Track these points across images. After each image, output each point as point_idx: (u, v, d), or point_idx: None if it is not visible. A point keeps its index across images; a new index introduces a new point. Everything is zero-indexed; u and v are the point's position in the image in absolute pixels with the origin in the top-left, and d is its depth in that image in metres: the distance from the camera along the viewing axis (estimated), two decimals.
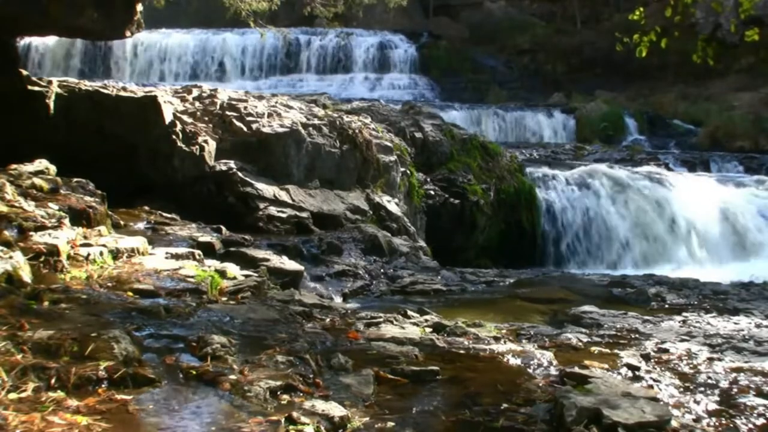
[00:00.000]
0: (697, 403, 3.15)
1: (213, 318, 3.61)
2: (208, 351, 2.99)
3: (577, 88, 21.75)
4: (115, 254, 4.43)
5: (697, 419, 2.97)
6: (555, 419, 2.69)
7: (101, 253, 4.29)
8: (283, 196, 7.48)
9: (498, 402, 2.87)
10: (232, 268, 4.88)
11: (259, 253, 5.69)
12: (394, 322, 4.21)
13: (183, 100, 8.05)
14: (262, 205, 7.23)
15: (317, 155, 8.05)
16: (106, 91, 7.58)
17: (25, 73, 7.66)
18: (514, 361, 3.53)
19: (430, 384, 3.07)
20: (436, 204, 9.36)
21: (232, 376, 2.75)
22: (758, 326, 4.82)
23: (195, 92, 8.39)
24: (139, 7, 7.56)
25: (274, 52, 22.80)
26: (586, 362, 3.56)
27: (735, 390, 3.36)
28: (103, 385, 2.51)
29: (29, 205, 4.51)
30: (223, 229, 6.40)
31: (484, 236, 9.71)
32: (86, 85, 7.81)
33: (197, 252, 5.09)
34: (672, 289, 6.45)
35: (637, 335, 4.48)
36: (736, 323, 4.95)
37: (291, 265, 5.62)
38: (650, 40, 6.92)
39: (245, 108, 8.01)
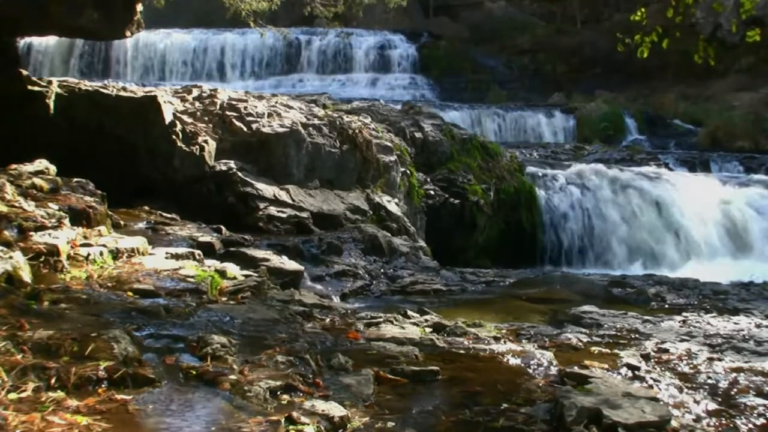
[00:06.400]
0: (697, 403, 3.16)
1: (213, 318, 3.61)
2: (208, 351, 2.99)
3: (577, 88, 21.74)
4: (115, 254, 4.43)
5: (697, 419, 2.97)
6: (555, 419, 2.69)
7: (101, 253, 4.30)
8: (283, 196, 7.48)
9: (498, 402, 2.87)
10: (232, 268, 4.88)
11: (259, 253, 5.69)
12: (394, 322, 4.21)
13: (183, 100, 8.05)
14: (262, 205, 7.23)
15: (317, 155, 8.05)
16: (106, 91, 7.58)
17: (25, 73, 7.66)
18: (514, 361, 3.53)
19: (430, 384, 3.07)
20: (436, 204, 9.35)
21: (232, 376, 2.75)
22: (758, 326, 4.82)
23: (195, 92, 8.39)
24: (139, 7, 7.56)
25: (274, 52, 22.78)
26: (586, 362, 3.56)
27: (735, 390, 3.36)
28: (103, 385, 2.51)
29: (29, 205, 4.51)
30: (223, 229, 6.40)
31: (484, 236, 9.70)
32: (86, 85, 7.81)
33: (197, 252, 5.09)
34: (672, 289, 6.46)
35: (637, 335, 4.48)
36: (736, 323, 4.95)
37: (291, 265, 5.62)
38: (651, 40, 6.91)
39: (245, 108, 8.00)
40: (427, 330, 4.15)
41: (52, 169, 5.71)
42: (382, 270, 6.75)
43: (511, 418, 2.71)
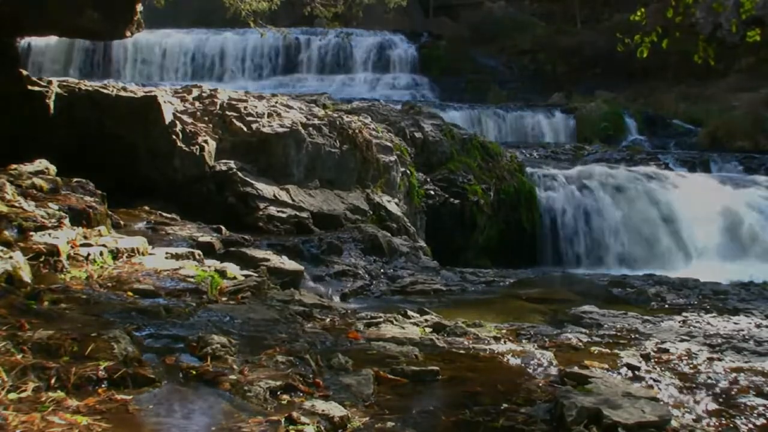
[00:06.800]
0: (697, 403, 3.16)
1: (213, 318, 3.61)
2: (208, 351, 2.99)
3: (577, 88, 21.72)
4: (115, 254, 4.43)
5: (697, 419, 2.97)
6: (555, 419, 2.69)
7: (101, 253, 4.30)
8: (283, 196, 7.48)
9: (498, 402, 2.87)
10: (232, 268, 4.88)
11: (259, 253, 5.69)
12: (394, 322, 4.21)
13: (183, 100, 8.05)
14: (262, 205, 7.23)
15: (317, 155, 8.05)
16: (106, 91, 7.58)
17: (25, 73, 7.66)
18: (514, 361, 3.53)
19: (430, 384, 3.07)
20: (436, 204, 9.35)
21: (232, 376, 2.75)
22: (758, 326, 4.83)
23: (195, 92, 8.39)
24: (139, 7, 7.55)
25: (274, 52, 22.77)
26: (586, 362, 3.56)
27: (735, 390, 3.36)
28: (103, 385, 2.51)
29: (29, 205, 4.51)
30: (223, 229, 6.41)
31: (484, 236, 9.70)
32: (86, 85, 7.81)
33: (197, 252, 5.09)
34: (672, 289, 6.45)
35: (637, 335, 4.48)
36: (736, 323, 4.95)
37: (291, 265, 5.62)
38: (651, 40, 6.92)
39: (245, 108, 8.00)
40: (427, 330, 4.15)
41: (52, 169, 5.71)
42: (382, 270, 6.75)
43: (511, 418, 2.71)
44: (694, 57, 7.37)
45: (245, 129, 7.76)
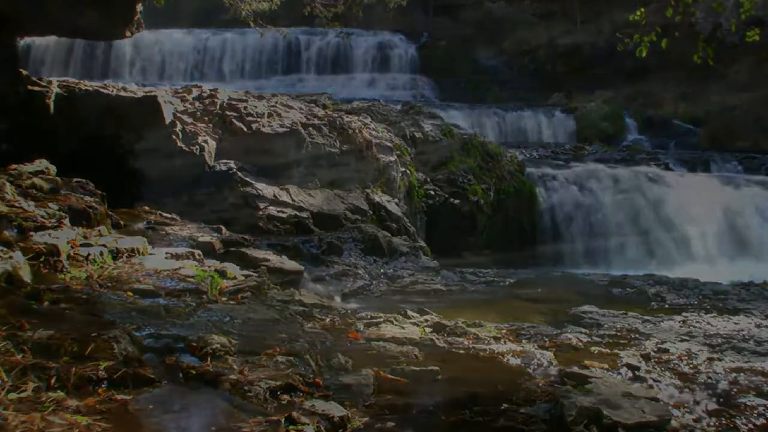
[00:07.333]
0: (697, 403, 3.16)
1: (213, 318, 3.61)
2: (208, 351, 2.99)
3: (577, 88, 21.71)
4: (115, 254, 4.43)
5: (697, 419, 2.97)
6: (555, 419, 2.69)
7: (101, 253, 4.30)
8: (283, 196, 7.49)
9: (498, 402, 2.87)
10: (232, 268, 4.88)
11: (259, 253, 5.69)
12: (394, 322, 4.21)
13: (183, 100, 8.05)
14: (262, 205, 7.24)
15: (317, 155, 8.05)
16: (106, 91, 7.58)
17: (25, 73, 7.66)
18: (514, 361, 3.53)
19: (430, 384, 3.07)
20: (436, 204, 9.35)
21: (232, 376, 2.75)
22: (758, 326, 4.83)
23: (195, 92, 8.39)
24: (139, 7, 7.56)
25: (274, 52, 22.77)
26: (586, 362, 3.57)
27: (735, 390, 3.36)
28: (103, 385, 2.51)
29: (29, 205, 4.51)
30: (223, 229, 6.41)
31: (484, 236, 9.70)
32: (86, 85, 7.81)
33: (197, 252, 5.09)
34: (672, 289, 6.46)
35: (637, 335, 4.48)
36: (736, 323, 4.95)
37: (291, 265, 5.62)
38: (650, 40, 6.93)
39: (245, 108, 8.01)
40: (427, 330, 4.15)
41: (52, 169, 5.71)
42: (382, 270, 6.75)
43: (511, 418, 2.71)
44: (694, 57, 7.37)
45: (245, 129, 7.76)
